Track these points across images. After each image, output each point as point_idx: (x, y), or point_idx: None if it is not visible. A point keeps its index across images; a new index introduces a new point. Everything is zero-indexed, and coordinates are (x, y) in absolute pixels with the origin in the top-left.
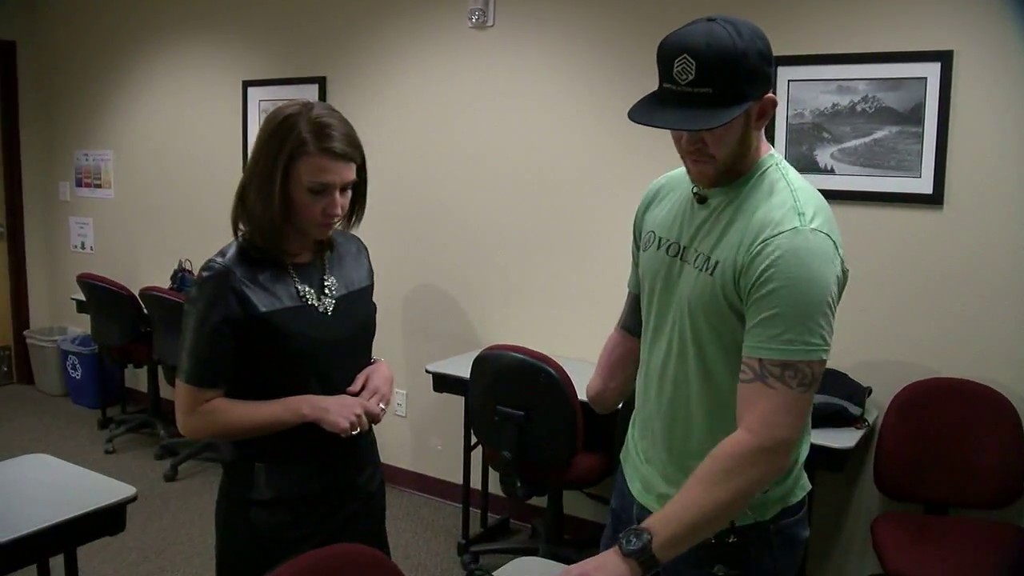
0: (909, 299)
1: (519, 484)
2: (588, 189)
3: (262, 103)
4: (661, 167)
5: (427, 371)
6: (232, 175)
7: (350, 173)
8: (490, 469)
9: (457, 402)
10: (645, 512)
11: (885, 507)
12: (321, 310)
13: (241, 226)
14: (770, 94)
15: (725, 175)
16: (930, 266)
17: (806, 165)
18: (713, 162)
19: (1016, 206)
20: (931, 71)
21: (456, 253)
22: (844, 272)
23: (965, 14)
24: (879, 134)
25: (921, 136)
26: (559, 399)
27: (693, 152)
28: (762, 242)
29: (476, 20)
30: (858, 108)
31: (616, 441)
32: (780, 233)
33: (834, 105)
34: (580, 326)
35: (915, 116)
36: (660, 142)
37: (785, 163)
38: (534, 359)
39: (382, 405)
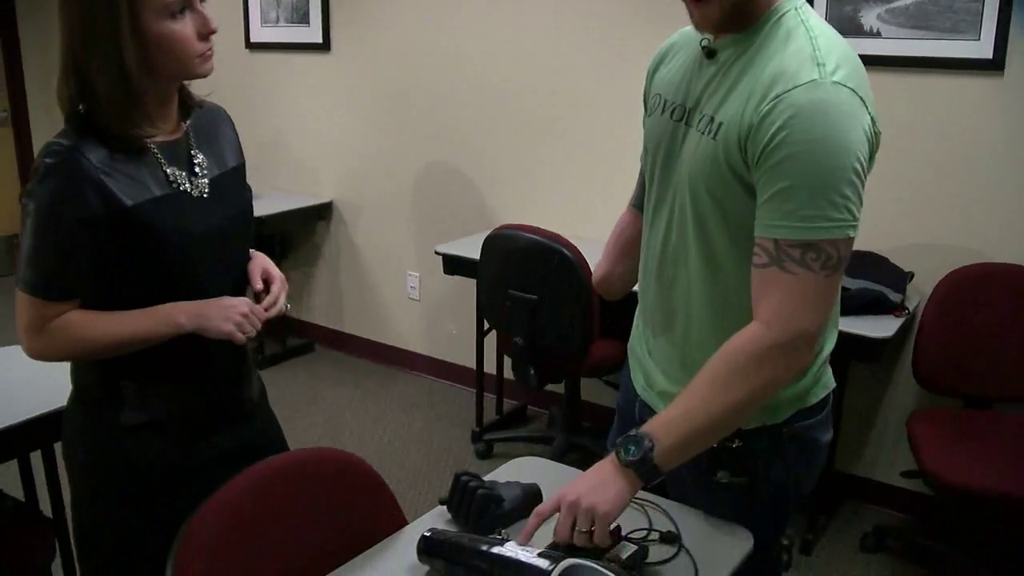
0: (959, 176)
1: (532, 372)
2: (606, 60)
3: None
4: None
5: (436, 252)
6: (234, 48)
7: None
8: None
9: (471, 284)
10: (647, 410)
11: (922, 401)
12: (195, 195)
13: (81, 108)
14: None
15: (732, 19)
16: (985, 139)
17: (849, 28)
18: (717, 2)
19: None
20: None
21: (468, 128)
22: (875, 133)
23: None
24: None
25: None
26: (574, 283)
27: None
28: (774, 99)
29: None
30: None
31: None
32: (795, 87)
33: None
34: (598, 205)
35: None
36: (679, 8)
37: (807, 7)
38: (547, 239)
39: (288, 305)
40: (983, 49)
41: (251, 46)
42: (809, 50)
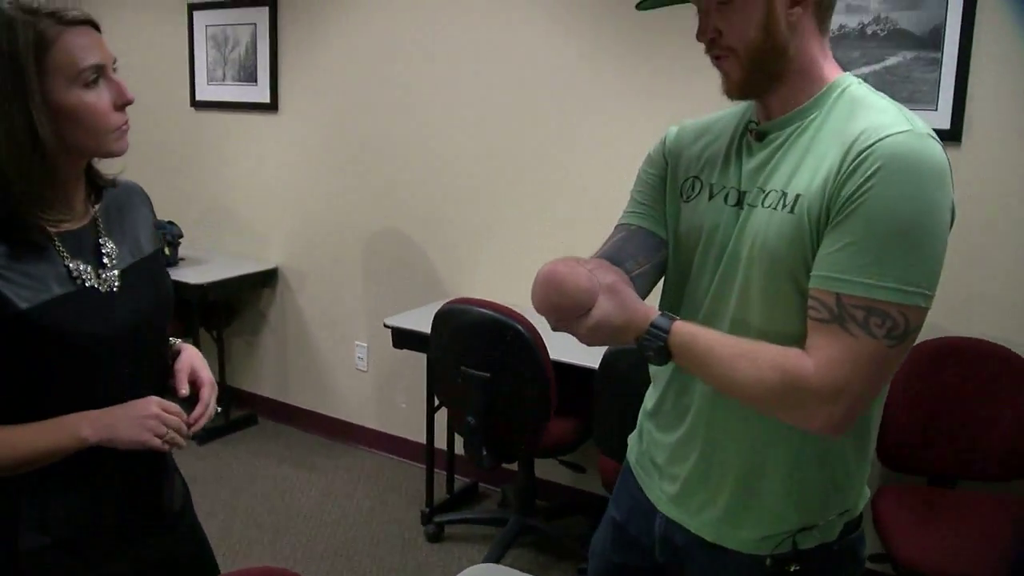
0: None
1: (485, 453)
2: (568, 122)
3: (209, 28)
4: (646, 99)
5: (386, 325)
6: (179, 106)
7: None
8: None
9: (422, 356)
10: (674, 527)
11: (887, 479)
12: (103, 291)
13: None
14: None
15: (756, 78)
16: None
17: None
18: (735, 57)
19: None
20: None
21: (419, 193)
22: (954, 210)
23: None
24: (891, 60)
25: (939, 63)
26: (529, 360)
27: (710, 47)
28: (866, 149)
29: None
30: (868, 31)
31: (594, 408)
32: (888, 136)
33: (841, 27)
34: None
35: (933, 40)
36: (644, 69)
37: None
38: (500, 314)
39: (219, 408)
40: (941, 120)
41: (197, 104)
42: (894, 110)
